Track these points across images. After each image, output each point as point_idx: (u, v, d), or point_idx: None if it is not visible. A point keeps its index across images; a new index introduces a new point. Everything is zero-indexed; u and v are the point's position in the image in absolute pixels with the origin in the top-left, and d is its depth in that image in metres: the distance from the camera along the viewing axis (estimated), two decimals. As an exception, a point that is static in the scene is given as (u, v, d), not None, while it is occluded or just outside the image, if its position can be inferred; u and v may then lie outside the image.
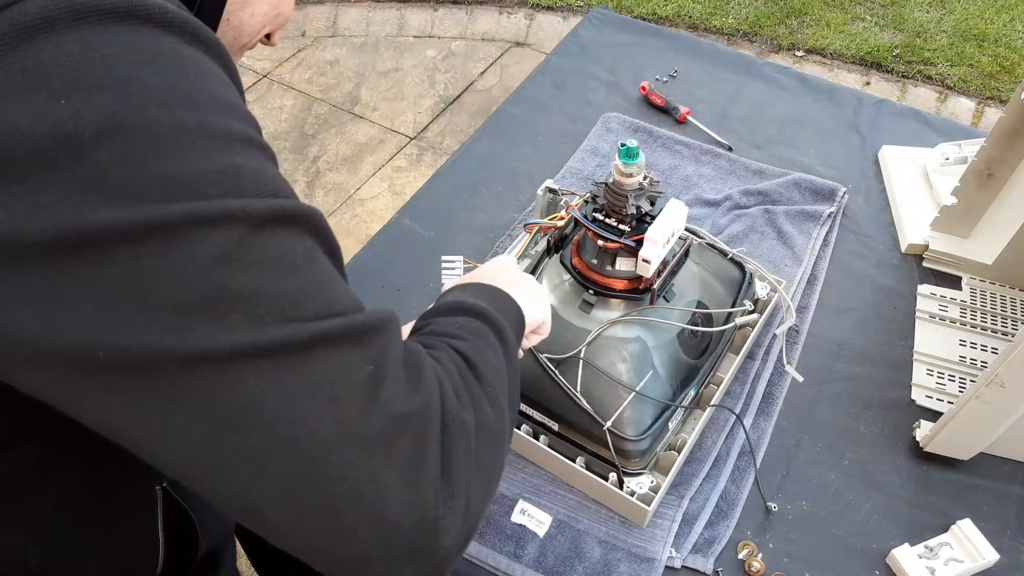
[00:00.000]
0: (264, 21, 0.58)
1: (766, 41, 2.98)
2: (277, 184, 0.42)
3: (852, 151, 1.33)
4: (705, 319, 0.93)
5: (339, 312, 0.42)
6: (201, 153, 0.39)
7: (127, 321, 0.37)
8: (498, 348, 0.58)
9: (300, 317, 0.40)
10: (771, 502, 0.90)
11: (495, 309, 0.62)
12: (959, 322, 1.07)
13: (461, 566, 0.86)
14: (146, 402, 0.39)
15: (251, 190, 0.40)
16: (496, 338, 0.59)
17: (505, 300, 0.66)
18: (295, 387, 0.39)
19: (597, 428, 0.84)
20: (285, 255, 0.41)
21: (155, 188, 0.37)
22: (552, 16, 3.10)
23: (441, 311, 0.61)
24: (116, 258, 0.37)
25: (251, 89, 2.80)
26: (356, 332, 0.42)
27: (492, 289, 0.66)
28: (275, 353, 0.39)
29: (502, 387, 0.54)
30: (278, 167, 0.45)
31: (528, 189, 1.25)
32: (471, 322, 0.59)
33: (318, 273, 0.43)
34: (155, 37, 0.39)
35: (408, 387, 0.44)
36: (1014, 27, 2.97)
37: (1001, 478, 0.92)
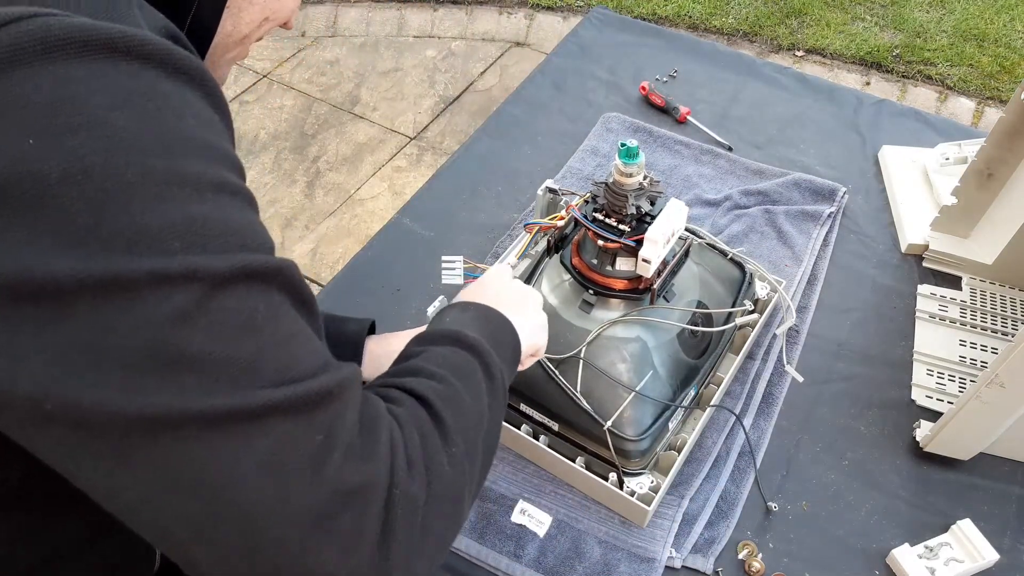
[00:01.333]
0: (264, 12, 0.56)
1: (766, 41, 2.98)
2: (247, 235, 0.41)
3: (852, 151, 1.33)
4: (705, 319, 0.93)
5: (296, 376, 0.41)
6: (169, 203, 0.38)
7: (79, 376, 0.36)
8: (483, 390, 0.57)
9: (254, 383, 0.40)
10: (771, 502, 0.90)
11: (492, 344, 0.61)
12: (959, 322, 1.07)
13: (461, 566, 0.86)
14: (92, 457, 0.38)
15: (217, 244, 0.39)
16: (484, 376, 0.58)
17: (505, 332, 0.65)
18: (241, 457, 0.39)
19: (597, 428, 0.84)
20: (245, 316, 0.40)
21: (119, 239, 0.37)
22: (552, 16, 3.10)
23: (436, 339, 0.60)
24: (75, 309, 0.36)
25: (251, 89, 2.80)
26: (310, 401, 0.41)
27: (494, 317, 0.66)
28: (224, 421, 0.38)
29: (475, 437, 0.54)
30: (256, 209, 0.44)
31: (528, 189, 1.25)
32: (462, 357, 0.58)
33: (280, 332, 0.42)
34: (133, 72, 0.38)
35: (358, 458, 0.43)
36: (1014, 27, 2.97)
37: (1001, 478, 0.92)
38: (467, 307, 0.66)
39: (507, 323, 0.66)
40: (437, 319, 0.66)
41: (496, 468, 0.92)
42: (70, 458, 0.39)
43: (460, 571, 0.85)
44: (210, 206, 0.40)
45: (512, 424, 0.91)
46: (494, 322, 0.65)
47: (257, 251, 0.42)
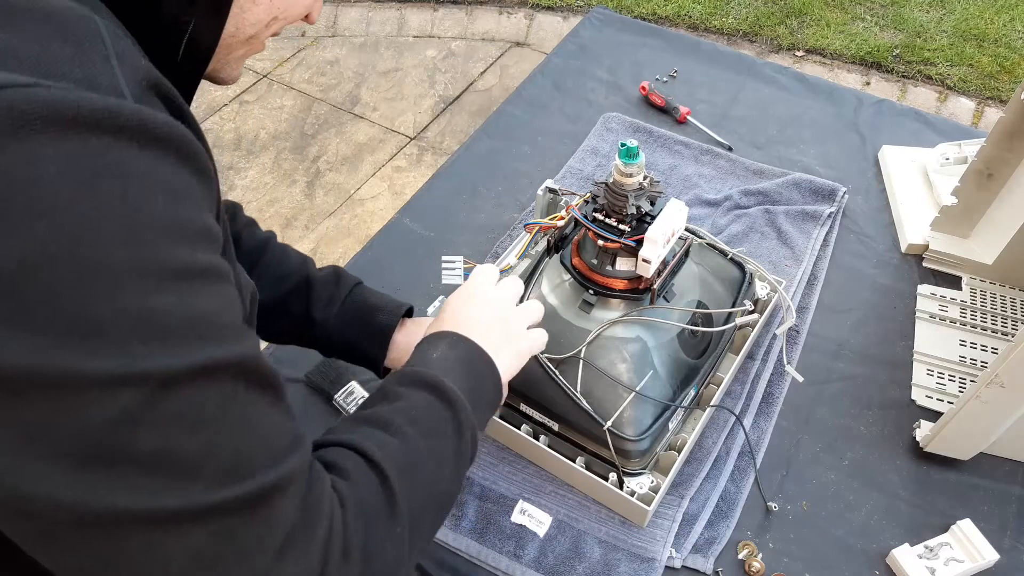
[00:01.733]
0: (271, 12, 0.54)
1: (766, 41, 2.98)
2: (207, 324, 0.41)
3: (852, 151, 1.33)
4: (705, 319, 0.93)
5: (243, 473, 0.41)
6: (127, 295, 0.37)
7: (28, 468, 0.37)
8: (449, 452, 0.58)
9: (198, 483, 0.40)
10: (771, 502, 0.90)
11: (473, 397, 0.62)
12: (959, 322, 1.07)
13: (461, 566, 0.86)
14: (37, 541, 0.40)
15: (173, 339, 0.39)
16: (455, 435, 0.59)
17: (488, 380, 0.66)
18: (177, 553, 0.40)
19: (597, 428, 0.84)
20: (193, 415, 0.40)
21: (74, 333, 0.36)
22: (552, 16, 3.10)
23: (419, 383, 0.60)
24: (28, 401, 0.36)
25: (251, 89, 2.80)
26: (253, 500, 0.42)
27: (481, 364, 0.66)
28: (164, 521, 0.39)
29: (425, 506, 0.54)
30: (226, 279, 0.43)
31: (528, 189, 1.25)
32: (438, 413, 0.59)
33: (230, 427, 0.42)
34: (101, 150, 0.37)
35: (292, 552, 0.43)
36: (1014, 27, 2.97)
37: (1001, 478, 0.92)
38: (457, 344, 0.66)
39: (492, 370, 0.67)
40: (425, 347, 0.66)
41: (496, 468, 0.92)
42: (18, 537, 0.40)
43: (460, 571, 0.85)
44: (171, 297, 0.39)
45: (512, 424, 0.91)
46: (480, 370, 0.66)
47: (217, 339, 0.41)
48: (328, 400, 0.98)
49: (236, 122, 2.69)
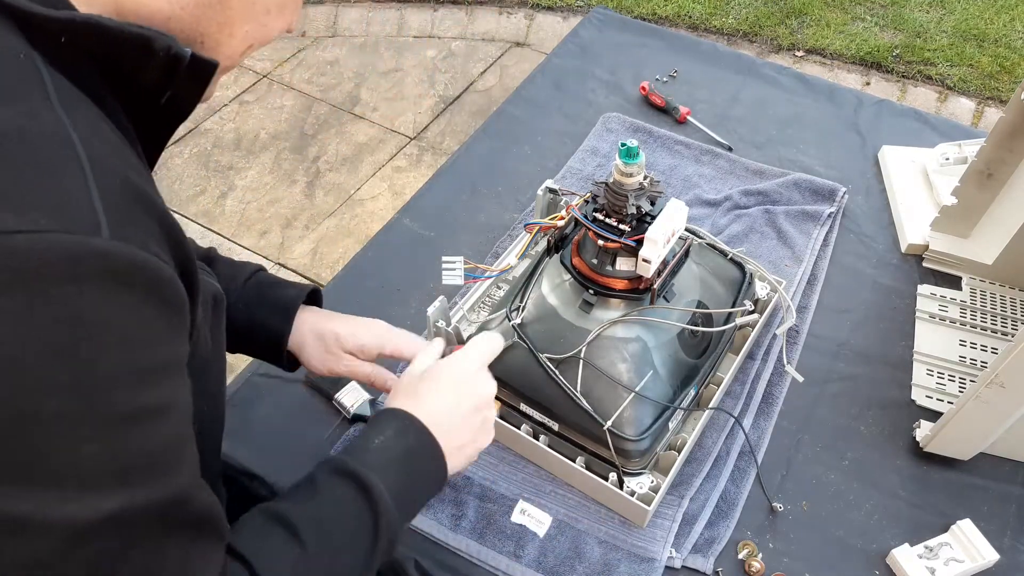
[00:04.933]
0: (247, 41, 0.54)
1: (766, 41, 2.98)
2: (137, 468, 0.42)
3: (852, 151, 1.33)
4: (705, 319, 0.93)
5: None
6: (61, 443, 0.38)
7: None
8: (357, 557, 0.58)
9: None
10: (775, 502, 0.90)
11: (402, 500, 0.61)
12: (959, 322, 1.07)
13: (461, 566, 0.86)
14: None
15: (99, 484, 0.40)
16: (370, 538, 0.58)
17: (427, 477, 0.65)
18: None
19: (597, 428, 0.84)
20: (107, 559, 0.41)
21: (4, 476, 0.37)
22: (552, 16, 3.10)
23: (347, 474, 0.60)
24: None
25: (251, 89, 2.80)
26: None
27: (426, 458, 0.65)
28: None
29: None
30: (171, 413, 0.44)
31: (528, 189, 1.25)
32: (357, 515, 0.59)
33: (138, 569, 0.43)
34: (62, 300, 0.38)
35: None
36: (1014, 27, 2.97)
37: (1001, 478, 0.92)
38: (407, 431, 0.65)
39: (438, 466, 0.65)
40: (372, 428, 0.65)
41: (496, 468, 0.92)
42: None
43: (460, 571, 0.85)
44: (105, 443, 0.40)
45: (512, 424, 0.91)
46: (423, 466, 0.65)
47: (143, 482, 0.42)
48: (328, 400, 0.98)
49: (236, 122, 2.69)
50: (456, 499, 0.90)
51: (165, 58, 0.46)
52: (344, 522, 0.59)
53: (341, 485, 0.60)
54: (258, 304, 0.80)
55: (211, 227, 2.34)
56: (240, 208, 2.40)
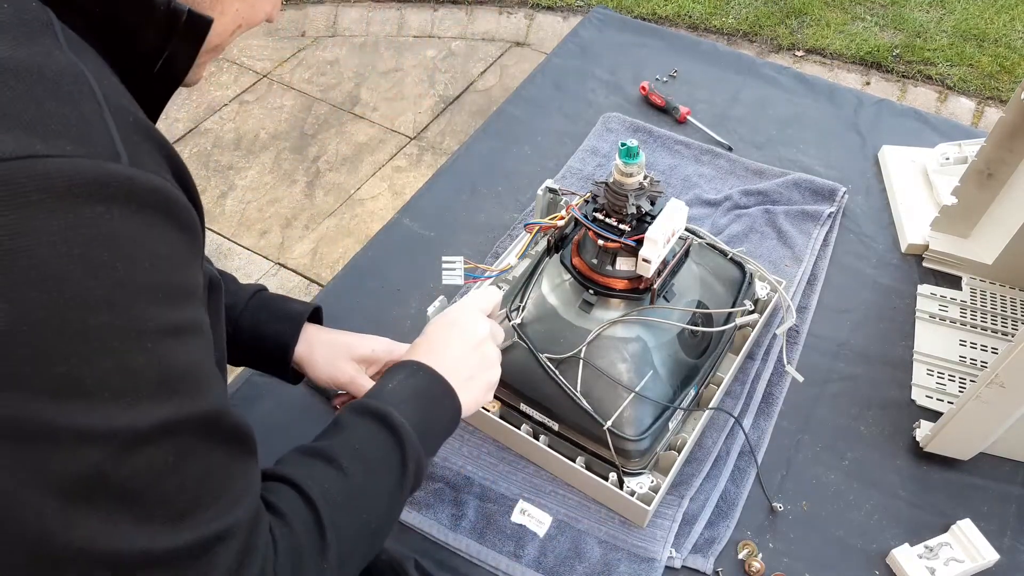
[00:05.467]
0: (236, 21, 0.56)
1: (766, 41, 2.98)
2: (180, 380, 0.44)
3: (852, 151, 1.33)
4: (705, 319, 0.93)
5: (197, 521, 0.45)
6: (106, 356, 0.40)
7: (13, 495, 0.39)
8: (391, 484, 0.61)
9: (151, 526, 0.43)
10: (776, 502, 0.90)
11: (423, 428, 0.64)
12: (959, 322, 1.07)
13: (461, 566, 0.86)
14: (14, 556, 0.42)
15: (145, 394, 0.42)
16: (399, 466, 0.61)
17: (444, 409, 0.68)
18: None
19: (597, 428, 0.84)
20: (157, 467, 0.43)
21: (52, 389, 0.39)
22: (552, 16, 3.10)
23: (366, 411, 0.63)
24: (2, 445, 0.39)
25: (251, 89, 2.80)
26: (199, 549, 0.45)
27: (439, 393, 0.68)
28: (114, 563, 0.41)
29: (357, 543, 0.58)
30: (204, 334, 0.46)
31: (528, 189, 1.25)
32: (383, 445, 0.62)
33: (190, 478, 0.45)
34: (93, 220, 0.40)
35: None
36: (1014, 27, 2.97)
37: (1001, 478, 0.92)
38: (417, 371, 0.69)
39: (451, 399, 0.69)
40: (386, 377, 0.69)
41: (496, 468, 0.92)
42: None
43: (460, 571, 0.85)
44: (147, 356, 0.42)
45: (512, 424, 0.91)
46: (436, 398, 0.68)
47: (186, 394, 0.44)
48: (328, 400, 0.98)
49: (236, 122, 2.69)
50: (456, 499, 0.90)
51: (164, 12, 0.48)
52: (374, 450, 0.61)
53: (364, 422, 0.63)
54: (265, 316, 0.82)
55: (211, 227, 2.33)
56: (240, 208, 2.40)
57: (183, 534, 0.44)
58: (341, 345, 0.83)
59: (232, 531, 0.47)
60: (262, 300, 0.84)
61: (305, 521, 0.55)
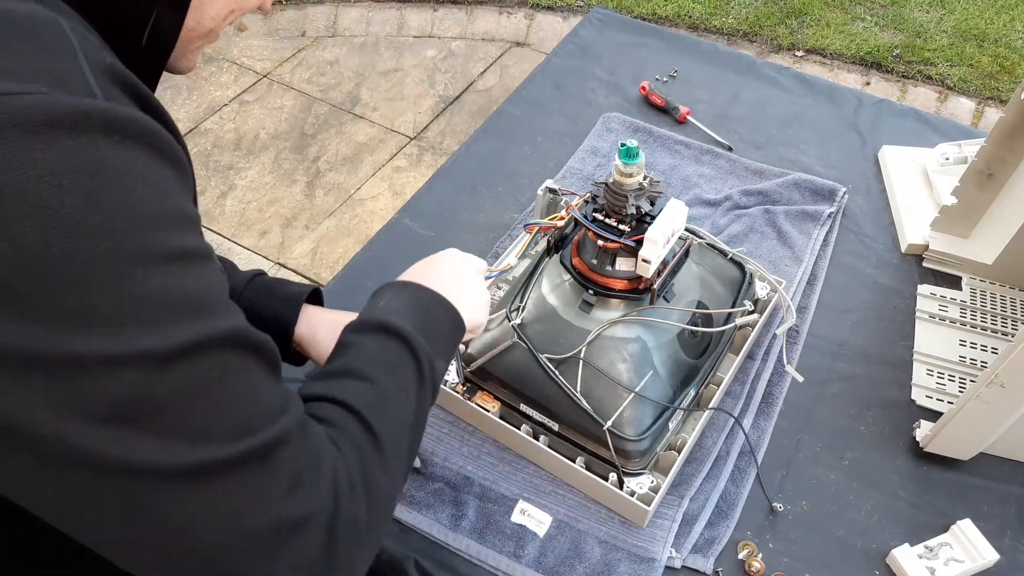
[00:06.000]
0: (229, 5, 0.56)
1: (766, 41, 2.98)
2: (197, 301, 0.44)
3: (852, 151, 1.33)
4: (705, 319, 0.93)
5: (249, 429, 0.45)
6: (117, 283, 0.40)
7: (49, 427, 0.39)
8: (412, 382, 0.61)
9: (208, 442, 0.43)
10: (776, 502, 0.90)
11: (422, 330, 0.64)
12: (959, 322, 1.07)
13: (461, 566, 0.86)
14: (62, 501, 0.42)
15: (168, 317, 0.42)
16: (413, 366, 0.62)
17: (440, 314, 0.68)
18: (197, 504, 0.43)
19: (597, 428, 0.84)
20: (196, 384, 0.43)
21: (71, 320, 0.39)
22: (552, 16, 3.10)
23: (368, 328, 0.63)
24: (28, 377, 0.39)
25: (251, 89, 2.80)
26: (260, 453, 0.45)
27: (429, 300, 0.68)
28: (178, 475, 0.42)
29: (404, 437, 0.59)
30: (210, 258, 0.46)
31: (528, 189, 1.25)
32: (392, 350, 0.62)
33: (233, 391, 0.45)
34: (77, 150, 0.39)
35: (303, 493, 0.47)
36: (1014, 27, 2.97)
37: (1001, 478, 0.92)
38: (404, 288, 0.69)
39: (443, 304, 0.69)
40: (372, 300, 0.69)
41: (496, 468, 0.92)
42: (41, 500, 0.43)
43: (460, 571, 0.85)
44: (160, 280, 0.41)
45: (512, 424, 0.91)
46: (428, 306, 0.68)
47: (208, 315, 0.44)
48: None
49: (236, 122, 2.69)
50: (456, 499, 0.90)
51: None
52: (386, 355, 0.61)
53: (367, 336, 0.63)
54: (264, 299, 0.82)
55: (211, 227, 2.33)
56: (240, 208, 2.40)
57: (240, 443, 0.44)
58: (344, 324, 0.83)
59: (288, 433, 0.47)
60: (261, 284, 0.84)
61: (354, 425, 0.55)
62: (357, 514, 0.51)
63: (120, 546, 0.44)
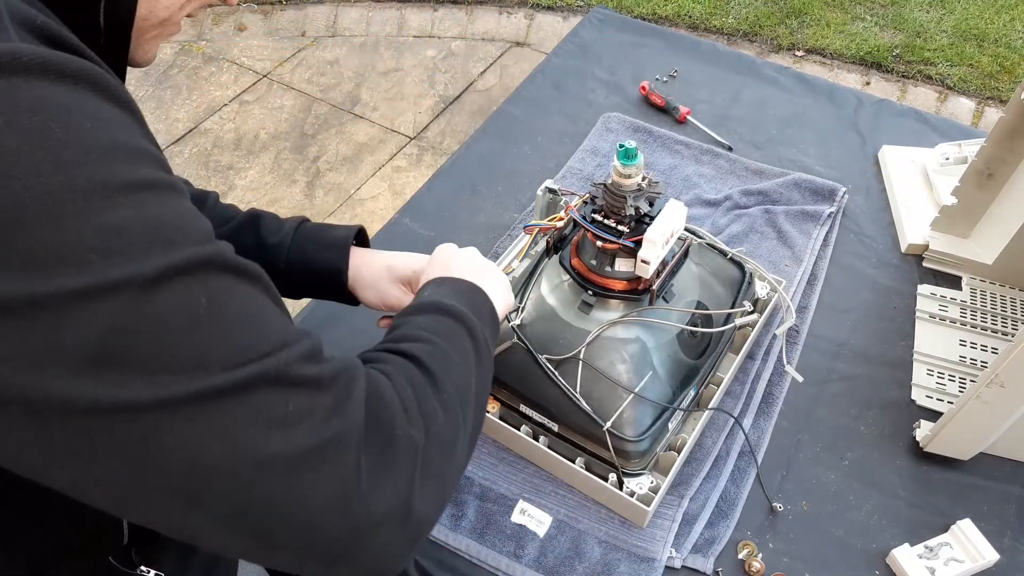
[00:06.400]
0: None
1: (766, 41, 2.98)
2: (170, 230, 0.41)
3: (852, 151, 1.33)
4: (705, 319, 0.93)
5: (253, 356, 0.42)
6: (76, 219, 0.38)
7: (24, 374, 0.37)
8: (468, 349, 0.61)
9: (207, 368, 0.41)
10: (776, 502, 0.90)
11: (471, 309, 0.65)
12: (959, 322, 1.07)
13: (461, 566, 0.86)
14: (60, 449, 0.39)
15: (139, 246, 0.39)
16: (468, 338, 0.62)
17: (481, 298, 0.69)
18: (202, 436, 0.41)
19: (597, 429, 0.84)
20: (184, 310, 0.40)
21: (33, 261, 0.37)
22: (552, 16, 3.10)
23: (418, 310, 0.64)
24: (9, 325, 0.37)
25: (251, 89, 2.80)
26: (269, 377, 0.43)
27: (468, 287, 0.70)
28: (176, 406, 0.40)
29: (466, 390, 0.58)
30: (182, 194, 0.44)
31: (528, 189, 1.25)
32: (445, 323, 0.62)
33: (228, 316, 0.42)
34: (12, 90, 0.37)
35: (329, 412, 0.45)
36: (1014, 27, 2.97)
37: (1001, 478, 0.92)
38: (442, 282, 0.70)
39: (481, 291, 0.70)
40: (416, 296, 0.69)
41: (496, 468, 0.92)
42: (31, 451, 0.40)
43: (460, 571, 0.85)
44: (123, 211, 0.39)
45: (512, 424, 0.91)
46: (469, 292, 0.69)
47: (183, 242, 0.41)
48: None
49: (236, 122, 2.69)
50: (456, 499, 0.90)
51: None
52: (439, 326, 0.61)
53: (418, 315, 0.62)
54: (313, 246, 0.83)
55: (211, 227, 2.33)
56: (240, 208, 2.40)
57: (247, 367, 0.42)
58: (382, 268, 0.84)
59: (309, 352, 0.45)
60: (306, 231, 0.84)
61: (408, 366, 0.55)
62: (416, 438, 0.49)
63: (132, 498, 0.42)
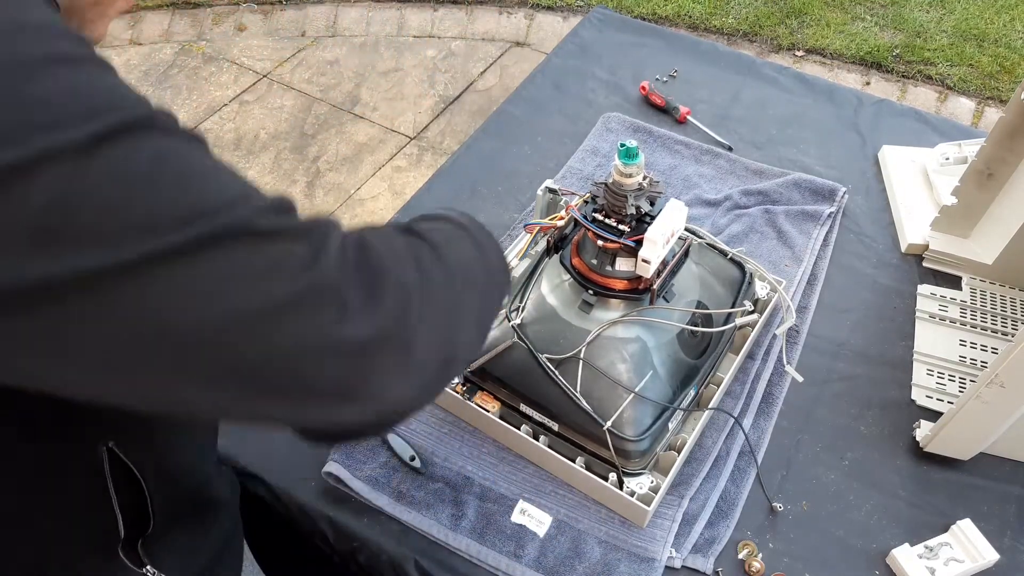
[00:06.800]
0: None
1: (766, 41, 2.98)
2: (103, 95, 0.39)
3: (852, 151, 1.33)
4: (705, 319, 0.93)
5: (207, 209, 0.40)
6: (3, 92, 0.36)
7: None
8: (473, 249, 0.58)
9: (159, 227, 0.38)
10: (776, 502, 0.90)
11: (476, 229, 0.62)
12: (959, 322, 1.07)
13: (461, 566, 0.86)
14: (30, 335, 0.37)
15: (75, 114, 0.37)
16: (472, 244, 0.59)
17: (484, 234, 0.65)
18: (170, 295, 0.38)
19: (597, 428, 0.84)
20: (126, 172, 0.38)
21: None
22: (552, 16, 3.10)
23: (422, 219, 0.61)
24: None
25: (251, 89, 2.80)
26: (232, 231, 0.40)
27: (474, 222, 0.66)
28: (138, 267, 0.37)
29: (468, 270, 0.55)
30: (112, 72, 0.41)
31: (528, 189, 1.25)
32: (451, 229, 0.59)
33: (175, 173, 0.40)
34: None
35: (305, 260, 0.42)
36: (1014, 27, 2.97)
37: (1001, 478, 0.92)
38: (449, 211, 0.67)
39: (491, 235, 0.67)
40: None
41: (496, 468, 0.92)
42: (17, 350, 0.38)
43: (460, 571, 0.85)
44: (46, 82, 0.37)
45: (512, 424, 0.91)
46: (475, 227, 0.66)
47: (122, 107, 0.39)
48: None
49: (236, 122, 2.69)
50: (456, 499, 0.90)
51: None
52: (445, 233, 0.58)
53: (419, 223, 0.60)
54: None
55: (211, 227, 2.33)
56: (240, 208, 2.40)
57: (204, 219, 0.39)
58: None
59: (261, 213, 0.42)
60: None
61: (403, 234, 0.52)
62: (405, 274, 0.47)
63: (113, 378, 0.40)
